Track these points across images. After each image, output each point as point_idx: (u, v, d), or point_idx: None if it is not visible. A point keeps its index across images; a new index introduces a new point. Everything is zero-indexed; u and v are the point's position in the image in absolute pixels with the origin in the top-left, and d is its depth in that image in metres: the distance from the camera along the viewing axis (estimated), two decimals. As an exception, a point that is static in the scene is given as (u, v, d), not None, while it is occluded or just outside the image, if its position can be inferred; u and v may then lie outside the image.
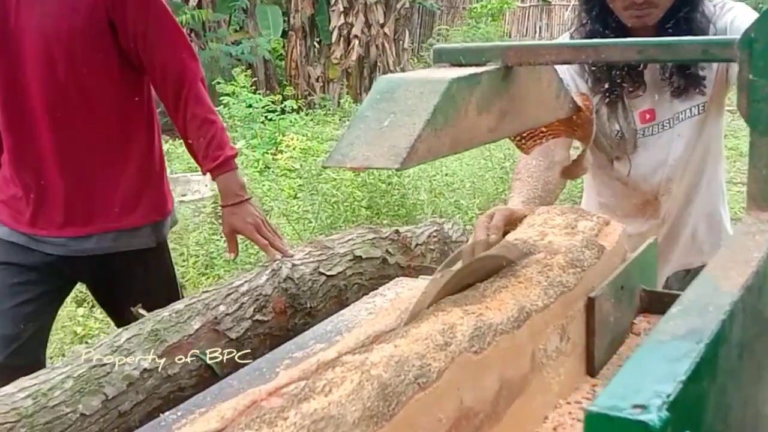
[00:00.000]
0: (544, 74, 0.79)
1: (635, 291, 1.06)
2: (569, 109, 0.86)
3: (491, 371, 0.74)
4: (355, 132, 0.64)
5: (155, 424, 0.93)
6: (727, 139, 6.41)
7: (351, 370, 0.63)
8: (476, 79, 0.68)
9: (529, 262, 0.90)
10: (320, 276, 1.48)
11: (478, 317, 0.75)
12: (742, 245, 0.57)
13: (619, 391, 0.40)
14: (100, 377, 1.06)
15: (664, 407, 0.38)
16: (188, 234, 4.17)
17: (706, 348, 0.44)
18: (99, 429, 1.05)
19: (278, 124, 6.70)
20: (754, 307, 0.55)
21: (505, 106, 0.74)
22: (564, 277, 0.88)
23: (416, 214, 4.34)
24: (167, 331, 1.20)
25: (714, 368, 0.46)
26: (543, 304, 0.83)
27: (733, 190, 5.46)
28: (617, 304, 0.99)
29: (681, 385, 0.40)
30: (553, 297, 0.85)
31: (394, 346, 0.68)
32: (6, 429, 0.97)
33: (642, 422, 0.37)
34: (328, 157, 0.64)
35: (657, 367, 0.42)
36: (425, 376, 0.65)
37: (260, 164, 5.81)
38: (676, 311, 0.48)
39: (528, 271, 0.88)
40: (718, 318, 0.47)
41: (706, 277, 0.53)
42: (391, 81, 0.67)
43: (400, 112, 0.64)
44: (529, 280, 0.86)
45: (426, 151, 0.64)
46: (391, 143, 0.62)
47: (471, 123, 0.69)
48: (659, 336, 0.45)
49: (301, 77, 9.11)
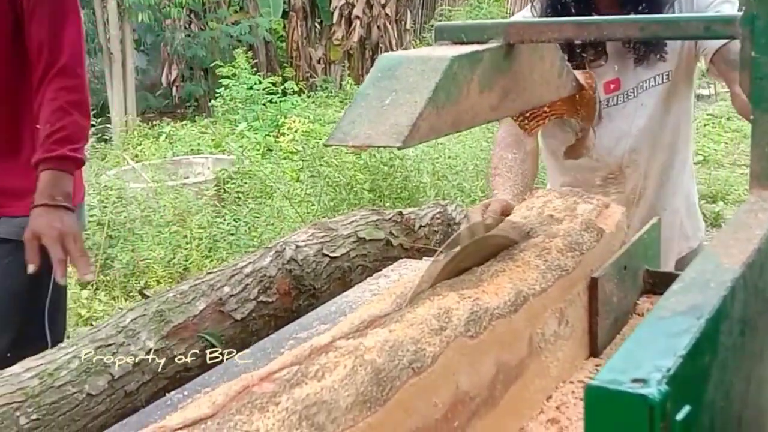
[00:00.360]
0: (546, 52, 0.78)
1: (638, 271, 1.06)
2: (572, 87, 0.86)
3: (487, 356, 0.73)
4: (356, 110, 0.64)
5: (161, 404, 0.94)
6: (731, 120, 6.38)
7: (344, 355, 0.62)
8: (478, 56, 0.68)
9: (527, 246, 0.89)
10: (324, 257, 1.48)
11: (474, 301, 0.74)
12: (745, 223, 0.57)
13: (619, 365, 0.40)
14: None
15: (664, 381, 0.38)
16: (191, 217, 4.18)
17: (706, 324, 0.44)
18: (105, 409, 1.06)
19: (280, 106, 6.68)
20: (756, 285, 0.55)
21: (507, 84, 0.74)
22: (562, 261, 0.87)
23: (419, 197, 4.33)
24: (172, 312, 1.21)
25: (715, 344, 0.46)
26: (541, 288, 0.82)
27: (738, 173, 5.45)
28: (620, 285, 0.99)
29: (681, 360, 0.40)
30: (551, 281, 0.84)
31: (389, 330, 0.67)
32: (13, 409, 0.98)
33: (641, 396, 0.37)
34: (329, 136, 0.64)
35: (657, 343, 0.42)
36: (420, 360, 0.65)
37: (262, 147, 5.80)
38: (678, 288, 0.49)
39: (526, 254, 0.87)
40: (719, 294, 0.47)
41: (708, 254, 0.53)
42: (393, 59, 0.67)
43: (402, 90, 0.64)
44: (527, 264, 0.84)
45: (428, 129, 0.64)
46: (393, 121, 0.62)
47: (473, 101, 0.69)
48: (660, 312, 0.45)
49: (303, 59, 9.06)
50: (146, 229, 4.04)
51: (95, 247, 3.84)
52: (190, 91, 8.42)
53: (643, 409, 0.37)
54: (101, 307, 3.50)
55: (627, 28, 0.64)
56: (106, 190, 4.36)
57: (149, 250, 3.82)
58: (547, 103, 0.87)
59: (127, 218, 4.12)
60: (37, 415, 0.98)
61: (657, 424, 0.37)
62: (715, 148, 5.89)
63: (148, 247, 3.86)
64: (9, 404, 0.97)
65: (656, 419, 0.37)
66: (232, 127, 6.41)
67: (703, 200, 4.85)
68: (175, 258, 3.82)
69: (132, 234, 4.01)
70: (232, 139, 5.91)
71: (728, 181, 5.12)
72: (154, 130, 6.95)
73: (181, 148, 6.09)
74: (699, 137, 6.10)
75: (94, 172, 5.04)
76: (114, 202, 4.18)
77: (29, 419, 0.97)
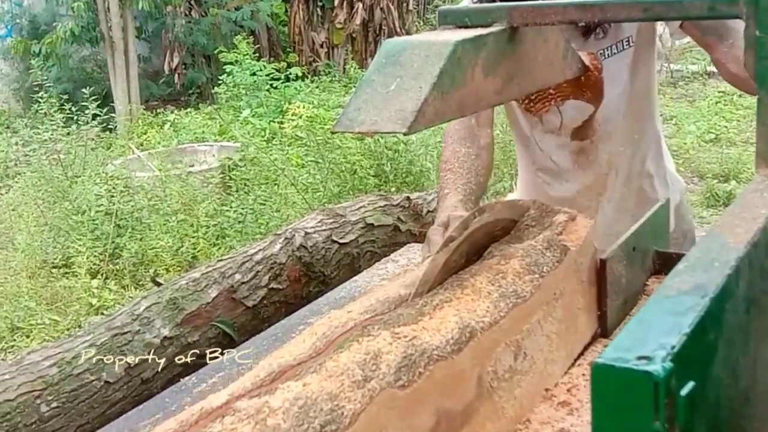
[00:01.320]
0: (550, 34, 0.78)
1: (648, 252, 1.06)
2: (577, 69, 0.86)
3: (424, 406, 0.63)
4: (362, 97, 0.64)
5: (176, 389, 0.96)
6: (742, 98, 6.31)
7: (243, 420, 0.52)
8: (482, 40, 0.68)
9: (480, 269, 0.79)
10: (333, 244, 1.50)
11: (409, 342, 0.64)
12: (750, 202, 0.58)
13: (625, 344, 0.41)
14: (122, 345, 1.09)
15: (668, 358, 0.39)
16: (198, 205, 4.20)
17: (711, 302, 0.45)
18: (123, 396, 1.08)
19: (283, 91, 6.67)
20: (762, 264, 0.55)
21: (511, 68, 0.74)
22: (519, 286, 0.76)
23: (423, 181, 4.34)
24: (185, 300, 1.22)
25: (719, 322, 0.47)
26: (492, 320, 0.71)
27: (750, 151, 5.40)
28: (629, 266, 0.99)
29: (685, 338, 0.41)
30: (504, 310, 0.73)
31: (303, 384, 0.57)
32: (33, 397, 1.01)
33: (646, 372, 0.38)
34: (336, 123, 0.64)
35: (662, 321, 0.43)
36: (336, 422, 0.55)
37: (267, 133, 5.80)
38: (682, 267, 0.49)
39: (477, 280, 0.76)
40: (724, 273, 0.48)
41: (713, 233, 0.54)
42: (397, 44, 0.67)
43: (407, 76, 0.64)
44: (477, 292, 0.74)
45: (433, 115, 0.64)
46: (399, 107, 0.62)
47: (477, 85, 0.69)
48: (665, 291, 0.46)
49: (305, 43, 9.02)
50: (154, 218, 4.06)
51: (103, 237, 3.87)
52: (193, 78, 8.41)
53: (648, 386, 0.38)
54: (111, 296, 3.53)
55: (630, 9, 0.64)
56: (113, 179, 4.38)
57: (157, 239, 3.85)
58: (552, 85, 0.87)
59: (134, 207, 4.14)
60: (57, 403, 1.00)
61: (662, 400, 0.38)
62: (727, 126, 5.84)
63: (156, 236, 3.88)
64: (30, 392, 1.00)
65: (661, 395, 0.38)
66: (236, 113, 6.41)
67: (715, 179, 4.82)
68: (183, 246, 3.84)
69: (140, 223, 4.03)
70: (237, 126, 5.91)
71: (740, 160, 5.07)
72: (158, 118, 6.95)
73: (185, 136, 6.10)
74: (710, 115, 6.05)
75: (99, 161, 5.06)
76: (120, 192, 4.20)
77: (50, 407, 0.99)
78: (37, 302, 3.37)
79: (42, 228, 4.01)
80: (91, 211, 3.98)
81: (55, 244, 3.87)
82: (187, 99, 8.17)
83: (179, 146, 5.71)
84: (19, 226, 4.13)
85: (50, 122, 4.75)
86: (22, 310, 3.29)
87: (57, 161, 4.53)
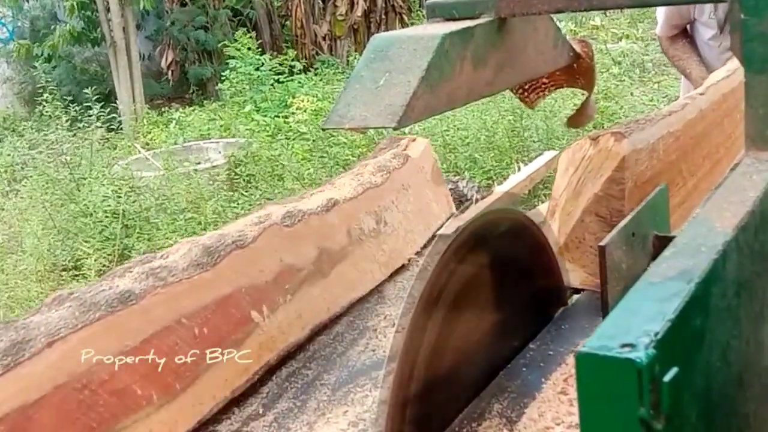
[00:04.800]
0: (540, 24, 0.78)
1: (647, 237, 1.06)
2: (569, 57, 0.85)
3: (306, 240, 1.02)
4: (351, 92, 0.65)
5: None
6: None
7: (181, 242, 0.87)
8: (469, 32, 0.68)
9: (345, 174, 1.24)
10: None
11: (291, 206, 1.05)
12: (739, 185, 0.58)
13: (609, 332, 0.41)
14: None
15: (652, 345, 0.39)
16: (205, 203, 4.21)
17: (696, 287, 0.45)
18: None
19: (287, 86, 6.66)
20: (752, 247, 0.55)
21: (501, 59, 0.74)
22: (372, 178, 1.20)
23: (429, 170, 4.32)
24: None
25: (706, 307, 0.47)
26: (351, 196, 1.14)
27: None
28: (629, 251, 0.99)
29: (670, 324, 0.41)
30: (361, 191, 1.16)
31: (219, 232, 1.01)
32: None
33: (629, 360, 0.38)
34: (326, 119, 0.65)
35: (647, 308, 0.43)
36: (242, 239, 0.95)
37: (272, 128, 5.80)
38: (669, 253, 0.49)
39: (344, 179, 1.19)
40: (710, 258, 0.48)
41: (700, 217, 0.54)
42: (385, 39, 0.67)
43: (395, 71, 0.64)
44: (342, 185, 1.17)
45: (423, 108, 0.64)
46: (388, 102, 0.63)
47: (467, 77, 0.69)
48: (651, 278, 0.46)
49: (308, 36, 8.99)
50: (161, 217, 4.08)
51: (112, 237, 3.89)
52: (196, 75, 8.41)
53: (632, 373, 0.38)
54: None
55: (617, -4, 0.64)
56: (119, 180, 4.40)
57: (165, 238, 3.86)
58: (544, 74, 0.87)
59: (142, 207, 4.16)
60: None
61: (646, 386, 0.39)
62: None
63: (164, 235, 3.90)
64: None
65: (645, 382, 0.39)
66: (241, 109, 6.42)
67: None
68: (191, 244, 3.86)
69: (147, 223, 4.05)
70: (241, 122, 5.92)
71: None
72: (163, 116, 6.97)
73: (191, 134, 6.12)
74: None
75: (105, 162, 5.09)
76: (127, 192, 4.22)
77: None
78: (49, 303, 3.40)
79: (50, 231, 4.04)
80: (99, 213, 4.00)
81: (63, 247, 3.90)
82: (191, 96, 8.18)
83: (185, 144, 5.72)
84: (27, 230, 4.17)
85: (55, 125, 4.77)
86: (34, 311, 3.32)
87: (63, 164, 4.55)
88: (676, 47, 2.04)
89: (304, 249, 1.02)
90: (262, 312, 0.94)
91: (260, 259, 0.95)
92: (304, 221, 1.03)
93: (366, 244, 1.13)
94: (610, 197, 0.86)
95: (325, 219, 1.08)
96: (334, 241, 1.07)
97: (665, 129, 0.96)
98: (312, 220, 1.05)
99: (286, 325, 0.98)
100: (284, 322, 0.97)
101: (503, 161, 4.50)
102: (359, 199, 1.15)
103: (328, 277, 1.03)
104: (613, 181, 0.84)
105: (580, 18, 7.61)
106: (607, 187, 0.85)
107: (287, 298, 0.98)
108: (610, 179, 0.84)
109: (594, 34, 7.01)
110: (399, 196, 1.24)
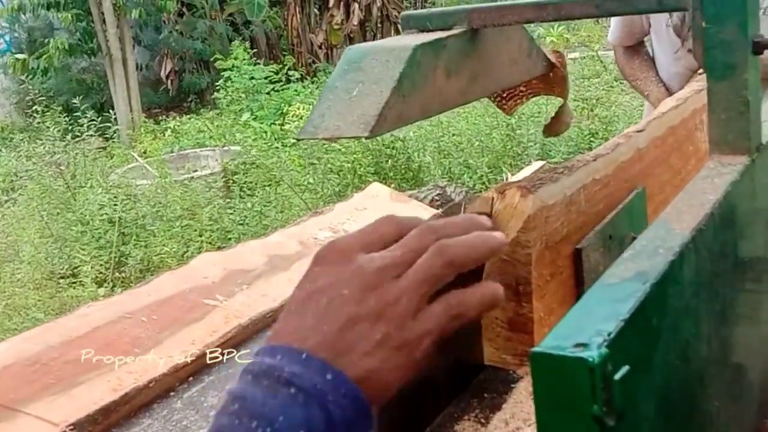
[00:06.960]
0: (513, 34, 0.80)
1: (625, 240, 1.08)
2: (543, 67, 0.87)
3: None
4: (325, 103, 0.66)
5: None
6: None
7: None
8: (441, 43, 0.70)
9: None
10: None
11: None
12: (700, 188, 0.60)
13: (564, 331, 0.43)
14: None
15: (604, 345, 0.41)
16: (201, 210, 4.23)
17: (652, 288, 0.47)
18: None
19: (283, 94, 6.70)
20: (710, 249, 0.57)
21: (475, 68, 0.76)
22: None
23: (423, 176, 4.35)
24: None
25: (662, 307, 0.49)
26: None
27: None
28: (606, 254, 1.01)
29: (623, 324, 0.43)
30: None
31: None
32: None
33: (581, 359, 0.40)
34: (300, 130, 0.66)
35: (602, 308, 0.45)
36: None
37: (268, 136, 5.83)
38: (628, 255, 0.51)
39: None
40: (667, 260, 0.49)
41: (660, 220, 0.56)
42: (359, 51, 0.69)
43: (368, 81, 0.66)
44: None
45: (396, 118, 0.66)
46: (360, 112, 0.64)
47: (440, 87, 0.71)
48: (608, 279, 0.48)
49: (304, 46, 9.04)
50: (158, 225, 4.10)
51: (108, 245, 3.91)
52: (192, 84, 8.45)
53: (584, 371, 0.40)
54: (118, 303, 3.57)
55: (583, 6, 0.65)
56: (115, 188, 4.42)
57: (162, 245, 3.88)
58: (519, 83, 0.89)
59: (138, 215, 4.18)
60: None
61: (598, 384, 0.40)
62: None
63: (160, 242, 3.92)
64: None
65: (597, 380, 0.40)
66: (237, 118, 6.45)
67: None
68: (188, 251, 3.88)
69: (144, 230, 4.07)
70: (237, 130, 5.95)
71: None
72: (160, 125, 7.00)
73: (187, 142, 6.15)
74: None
75: (102, 171, 5.11)
76: (123, 200, 4.24)
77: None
78: (45, 313, 3.41)
79: (47, 239, 4.06)
80: (95, 221, 4.02)
81: (60, 255, 3.91)
82: (188, 105, 8.21)
83: (182, 152, 5.75)
84: (24, 239, 4.18)
85: (52, 135, 4.80)
86: (31, 321, 3.33)
87: (59, 173, 4.57)
88: (633, 65, 1.89)
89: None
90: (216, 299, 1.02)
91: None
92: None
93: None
94: (516, 262, 0.70)
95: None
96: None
97: (589, 177, 0.82)
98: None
99: (252, 301, 1.05)
100: (247, 301, 1.04)
101: (497, 166, 4.53)
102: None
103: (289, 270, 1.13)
104: (518, 244, 0.69)
105: (573, 26, 7.66)
106: (512, 251, 0.69)
107: (243, 288, 1.05)
108: (515, 242, 0.69)
109: (586, 41, 7.06)
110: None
